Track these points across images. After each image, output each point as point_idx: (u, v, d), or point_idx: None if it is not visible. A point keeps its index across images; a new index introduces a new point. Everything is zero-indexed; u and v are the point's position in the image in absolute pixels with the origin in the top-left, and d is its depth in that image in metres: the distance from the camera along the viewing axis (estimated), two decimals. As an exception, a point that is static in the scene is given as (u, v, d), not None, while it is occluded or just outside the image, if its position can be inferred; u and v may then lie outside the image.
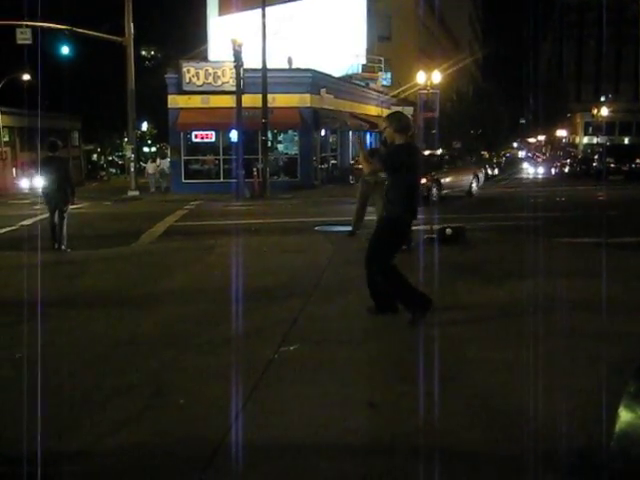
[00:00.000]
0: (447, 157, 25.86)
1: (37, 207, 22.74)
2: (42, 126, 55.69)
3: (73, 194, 11.60)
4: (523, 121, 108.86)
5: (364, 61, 38.44)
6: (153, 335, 5.83)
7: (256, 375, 4.65)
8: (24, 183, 36.52)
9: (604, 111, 65.94)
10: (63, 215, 11.49)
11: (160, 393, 4.43)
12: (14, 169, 51.20)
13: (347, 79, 36.48)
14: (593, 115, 69.88)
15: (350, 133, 35.65)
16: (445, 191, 21.45)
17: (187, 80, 29.81)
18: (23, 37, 26.73)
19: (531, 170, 57.30)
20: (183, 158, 30.90)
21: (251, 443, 3.62)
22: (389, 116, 6.28)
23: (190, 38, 44.62)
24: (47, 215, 11.89)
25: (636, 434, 2.62)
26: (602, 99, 79.64)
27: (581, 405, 4.00)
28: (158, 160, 34.96)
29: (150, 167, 34.88)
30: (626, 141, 69.50)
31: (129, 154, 31.13)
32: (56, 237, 11.49)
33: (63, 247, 11.47)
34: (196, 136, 30.88)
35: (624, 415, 2.70)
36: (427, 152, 25.51)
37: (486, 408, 4.06)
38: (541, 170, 56.47)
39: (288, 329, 5.81)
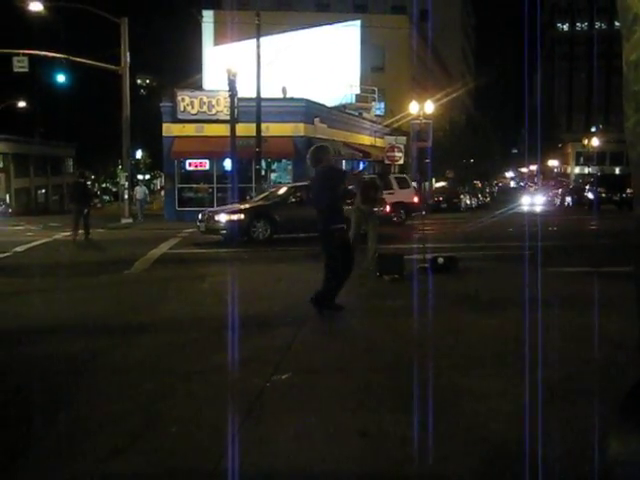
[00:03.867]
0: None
1: (30, 233, 22.75)
2: (37, 153, 56.12)
3: (91, 202, 19.81)
4: (515, 151, 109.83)
5: (358, 91, 38.83)
6: (146, 363, 5.83)
7: (248, 404, 4.65)
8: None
9: (595, 141, 66.67)
10: (87, 215, 18.92)
11: (153, 421, 4.42)
12: (7, 195, 51.24)
13: (341, 109, 36.80)
14: (584, 145, 70.65)
15: (344, 162, 35.89)
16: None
17: (182, 109, 30.03)
18: (20, 65, 26.99)
19: (528, 201, 54.50)
20: (177, 186, 31.02)
21: (243, 472, 3.62)
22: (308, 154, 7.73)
23: (185, 67, 45.13)
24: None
25: (623, 464, 2.64)
26: (593, 130, 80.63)
27: (573, 436, 4.03)
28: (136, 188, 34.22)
29: (139, 192, 33.18)
30: (617, 171, 70.20)
31: (123, 182, 31.21)
32: (86, 229, 18.95)
33: (90, 236, 19.02)
34: (190, 164, 31.02)
35: (614, 445, 2.73)
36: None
37: (479, 438, 4.08)
38: (540, 200, 53.75)
39: (281, 357, 5.82)
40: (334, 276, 7.52)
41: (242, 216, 17.07)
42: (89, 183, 26.84)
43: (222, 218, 17.18)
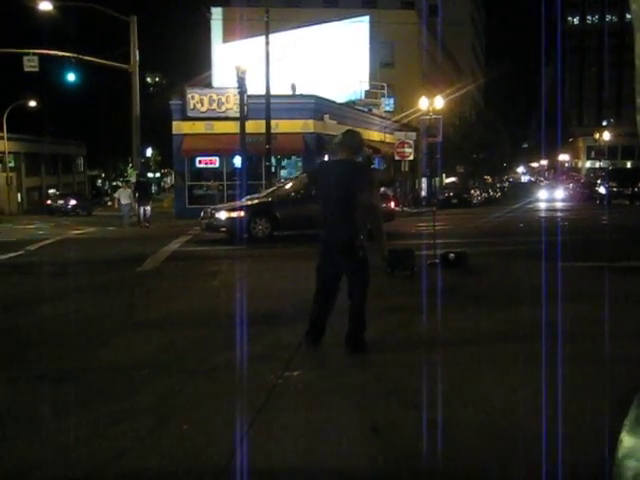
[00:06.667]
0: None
1: (41, 232, 22.86)
2: (48, 152, 56.40)
3: (151, 198, 26.31)
4: (525, 145, 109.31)
5: (367, 87, 38.76)
6: (156, 360, 5.84)
7: (260, 401, 4.65)
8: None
9: (606, 135, 66.30)
10: (148, 208, 25.39)
11: (164, 418, 4.43)
12: (19, 194, 51.51)
13: (350, 105, 36.75)
14: (595, 139, 70.30)
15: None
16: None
17: (191, 106, 30.08)
18: (31, 65, 27.09)
19: (545, 195, 50.97)
20: (187, 183, 31.11)
21: (255, 469, 3.62)
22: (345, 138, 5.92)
23: (194, 65, 45.19)
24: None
25: (638, 459, 2.62)
26: (604, 123, 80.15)
27: (585, 430, 4.00)
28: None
29: (122, 195, 27.87)
30: (629, 165, 69.77)
31: (134, 180, 31.29)
32: (146, 219, 25.17)
33: (147, 224, 24.83)
34: (200, 162, 31.08)
35: (626, 440, 2.71)
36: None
37: (491, 433, 4.06)
38: (559, 195, 49.47)
39: (292, 354, 5.81)
40: (364, 303, 5.81)
41: (242, 213, 16.81)
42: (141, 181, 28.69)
43: (222, 215, 17.02)
